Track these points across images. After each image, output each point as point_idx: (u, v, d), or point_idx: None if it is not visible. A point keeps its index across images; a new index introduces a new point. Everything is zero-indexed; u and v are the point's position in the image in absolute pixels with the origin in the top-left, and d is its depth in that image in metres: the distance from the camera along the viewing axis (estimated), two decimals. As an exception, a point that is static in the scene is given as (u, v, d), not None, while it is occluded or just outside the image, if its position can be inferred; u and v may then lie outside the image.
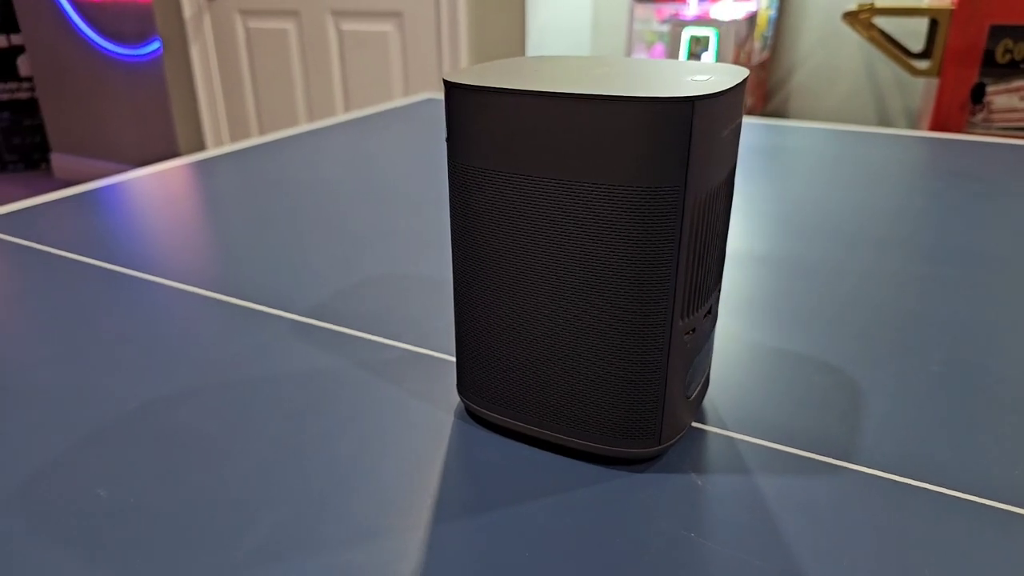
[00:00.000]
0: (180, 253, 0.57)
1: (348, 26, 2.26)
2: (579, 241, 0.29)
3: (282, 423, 0.36)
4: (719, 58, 1.86)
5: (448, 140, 0.31)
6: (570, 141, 0.27)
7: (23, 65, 3.53)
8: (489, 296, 0.32)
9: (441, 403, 0.38)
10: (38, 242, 0.60)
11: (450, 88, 0.30)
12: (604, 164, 0.27)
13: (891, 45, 1.88)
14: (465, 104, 0.29)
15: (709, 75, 0.30)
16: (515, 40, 2.08)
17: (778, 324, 0.46)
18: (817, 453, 0.34)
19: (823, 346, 0.43)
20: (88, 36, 3.13)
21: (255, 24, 2.45)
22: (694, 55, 1.88)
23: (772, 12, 2.25)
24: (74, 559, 0.28)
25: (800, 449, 0.34)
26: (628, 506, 0.31)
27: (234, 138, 2.81)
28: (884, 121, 2.37)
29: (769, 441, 0.35)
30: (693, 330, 0.31)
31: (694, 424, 0.36)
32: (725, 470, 0.33)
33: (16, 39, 3.49)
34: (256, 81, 2.57)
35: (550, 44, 2.22)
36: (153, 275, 0.53)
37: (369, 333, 0.45)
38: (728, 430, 0.36)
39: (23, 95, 3.57)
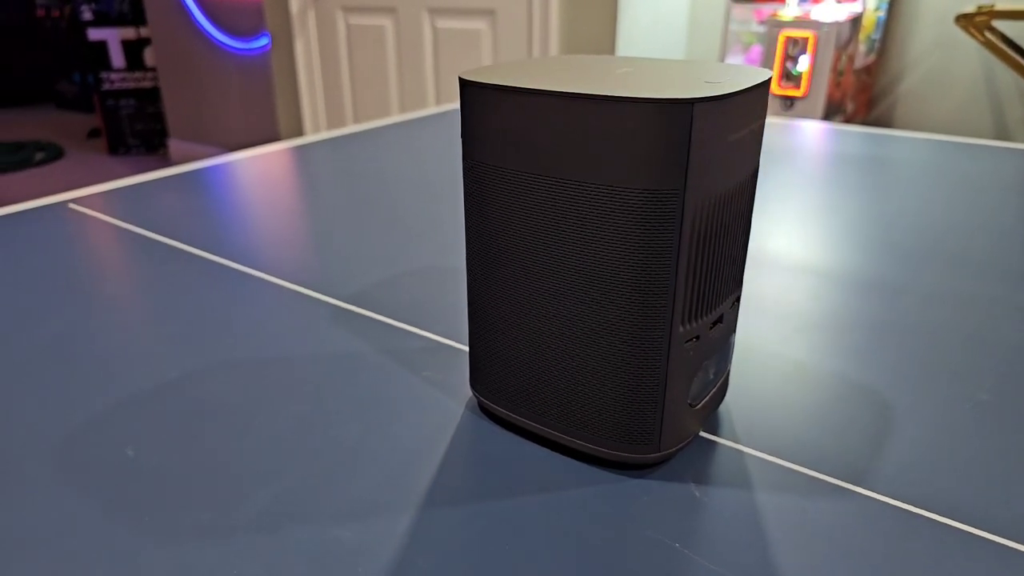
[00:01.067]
0: (245, 236, 0.61)
1: (443, 23, 2.31)
2: (580, 241, 0.29)
3: (302, 401, 0.38)
4: (816, 61, 1.79)
5: (462, 136, 0.31)
6: (571, 140, 0.27)
7: (148, 56, 3.80)
8: (497, 291, 0.32)
9: (455, 394, 0.39)
10: (121, 219, 0.65)
11: (462, 85, 0.30)
12: (603, 165, 0.27)
13: (1011, 51, 1.75)
14: (474, 100, 0.30)
15: (729, 77, 0.29)
16: (606, 39, 2.06)
17: (818, 339, 0.44)
18: (830, 475, 0.32)
19: (863, 365, 0.41)
20: (207, 30, 3.33)
21: (355, 20, 2.54)
22: (790, 58, 1.81)
23: (881, 14, 2.13)
24: (92, 508, 0.30)
25: (812, 469, 0.33)
26: (618, 510, 0.30)
27: (331, 127, 2.93)
28: (1001, 133, 2.21)
29: (780, 458, 0.33)
30: (697, 338, 0.30)
31: (704, 434, 0.35)
32: (728, 483, 0.32)
33: (145, 32, 3.76)
34: (354, 74, 2.67)
35: (641, 44, 2.19)
36: (216, 255, 0.57)
37: (401, 321, 0.46)
38: (739, 443, 0.35)
39: (147, 84, 3.84)
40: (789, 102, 1.84)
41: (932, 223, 0.63)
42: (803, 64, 1.79)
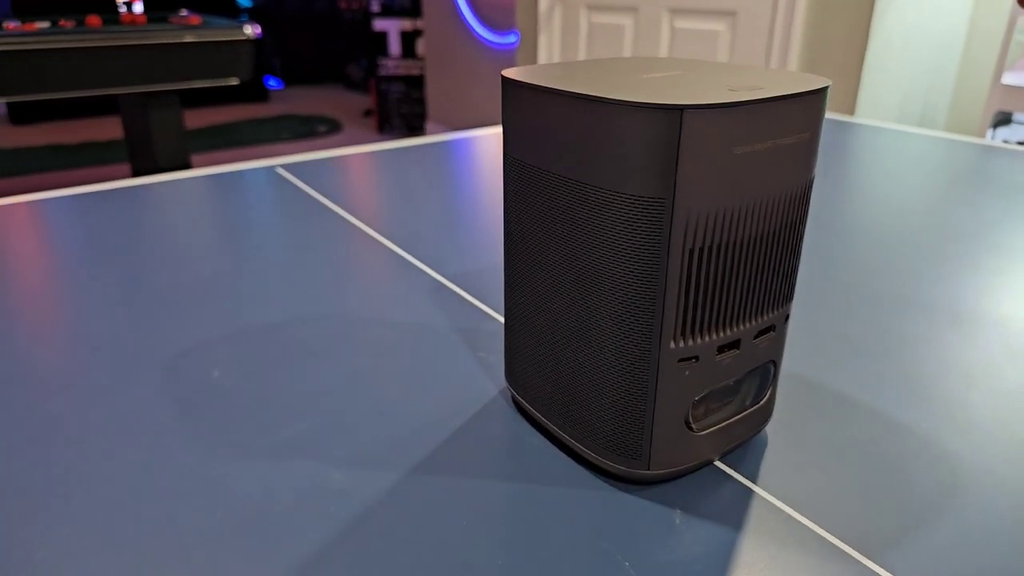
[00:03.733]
0: (393, 208, 0.67)
1: (682, 24, 2.27)
2: (577, 241, 0.29)
3: (365, 357, 0.42)
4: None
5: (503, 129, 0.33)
6: (572, 139, 0.27)
7: (420, 46, 4.20)
8: (517, 284, 0.33)
9: (496, 378, 0.40)
10: (307, 184, 0.74)
11: (503, 81, 0.31)
12: (597, 166, 0.27)
13: None
14: (505, 95, 0.31)
15: (764, 85, 0.27)
16: (854, 47, 1.88)
17: (918, 394, 0.38)
18: (841, 539, 0.29)
19: (959, 430, 0.35)
20: (470, 25, 3.60)
21: (597, 19, 2.59)
22: (1084, 77, 1.49)
23: None
24: (163, 410, 0.37)
25: (823, 528, 0.29)
26: (589, 516, 0.30)
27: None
28: None
29: (793, 508, 0.30)
30: (696, 359, 0.29)
31: (721, 464, 0.33)
32: (718, 519, 0.30)
33: (419, 24, 4.16)
34: (591, 72, 2.71)
35: (895, 54, 1.97)
36: (361, 222, 0.63)
37: (484, 304, 0.48)
38: (755, 482, 0.32)
39: (415, 71, 4.25)
40: (1077, 130, 1.53)
41: None
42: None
